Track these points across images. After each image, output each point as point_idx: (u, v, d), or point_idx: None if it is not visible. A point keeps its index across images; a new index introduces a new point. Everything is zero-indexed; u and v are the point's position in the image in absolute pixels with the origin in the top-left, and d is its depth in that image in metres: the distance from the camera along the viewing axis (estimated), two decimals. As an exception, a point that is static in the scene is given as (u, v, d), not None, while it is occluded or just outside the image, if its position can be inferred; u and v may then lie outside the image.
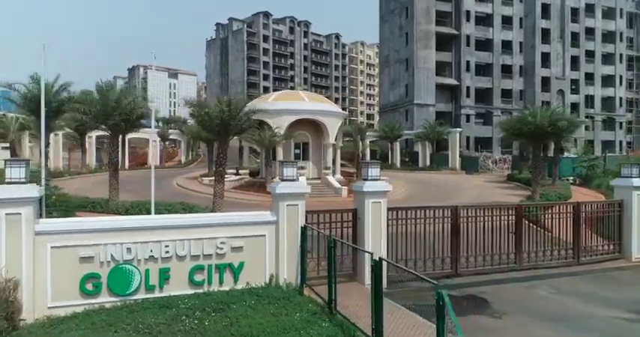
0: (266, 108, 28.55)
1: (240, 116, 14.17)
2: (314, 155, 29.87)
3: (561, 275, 10.86)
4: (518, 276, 10.71)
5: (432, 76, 53.30)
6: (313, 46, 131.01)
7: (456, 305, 8.75)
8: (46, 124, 17.87)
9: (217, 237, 8.66)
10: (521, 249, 11.34)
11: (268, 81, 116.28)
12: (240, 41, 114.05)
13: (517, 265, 11.29)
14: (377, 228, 9.75)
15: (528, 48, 57.83)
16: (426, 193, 27.49)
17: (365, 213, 9.73)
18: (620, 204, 12.70)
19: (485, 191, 27.76)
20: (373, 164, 10.04)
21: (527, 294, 9.37)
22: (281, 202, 9.01)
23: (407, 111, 54.08)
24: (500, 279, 10.45)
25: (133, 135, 44.57)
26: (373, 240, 9.71)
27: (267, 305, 7.95)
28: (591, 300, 8.89)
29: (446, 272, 10.62)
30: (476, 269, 10.88)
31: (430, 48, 53.24)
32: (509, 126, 19.73)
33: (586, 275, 10.99)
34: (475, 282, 10.17)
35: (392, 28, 58.05)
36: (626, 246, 12.54)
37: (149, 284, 8.26)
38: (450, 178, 37.34)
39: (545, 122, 17.83)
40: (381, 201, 9.84)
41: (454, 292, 9.52)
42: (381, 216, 9.81)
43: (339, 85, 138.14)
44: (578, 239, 11.99)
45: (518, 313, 8.13)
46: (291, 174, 9.17)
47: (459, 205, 10.96)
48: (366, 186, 9.78)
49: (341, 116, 30.21)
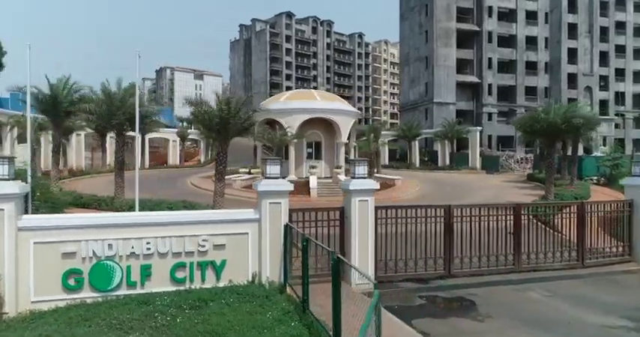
0: (278, 108, 28.72)
1: (239, 115, 14.21)
2: (326, 154, 29.75)
3: (562, 278, 10.41)
4: (515, 278, 10.32)
5: (452, 74, 52.32)
6: (336, 45, 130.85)
7: (440, 307, 8.56)
8: (59, 124, 18.50)
9: (199, 235, 8.66)
10: (520, 250, 10.92)
11: (291, 81, 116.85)
12: (263, 42, 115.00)
13: (516, 267, 10.88)
14: (364, 227, 9.56)
15: (554, 43, 56.04)
16: (440, 193, 26.95)
17: (352, 211, 9.55)
18: (631, 204, 12.08)
19: (502, 191, 26.99)
20: (360, 162, 9.85)
21: (520, 297, 9.01)
22: (263, 200, 8.93)
23: (427, 109, 53.27)
24: (495, 281, 10.09)
25: (155, 135, 45.67)
26: (360, 240, 9.53)
27: (244, 304, 7.89)
28: (587, 305, 8.47)
29: (439, 273, 10.32)
30: (471, 271, 10.54)
31: (450, 45, 52.26)
32: (521, 123, 19.09)
33: (589, 278, 10.49)
34: (468, 284, 9.85)
35: (412, 26, 57.30)
36: (637, 248, 11.93)
37: (130, 281, 8.33)
38: (468, 178, 36.55)
39: (559, 119, 17.14)
40: (369, 199, 9.63)
41: (443, 293, 9.27)
42: (368, 214, 9.61)
43: (362, 85, 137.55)
44: (582, 240, 11.47)
45: (503, 317, 7.81)
46: (274, 171, 9.08)
47: (452, 204, 10.63)
48: (352, 184, 9.60)
49: (354, 115, 29.98)
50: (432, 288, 9.62)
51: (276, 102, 29.65)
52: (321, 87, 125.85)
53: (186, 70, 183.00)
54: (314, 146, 29.85)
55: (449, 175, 38.73)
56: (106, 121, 15.45)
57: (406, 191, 27.36)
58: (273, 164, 9.14)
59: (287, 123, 27.48)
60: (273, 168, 9.12)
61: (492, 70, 54.03)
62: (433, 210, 10.43)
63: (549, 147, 18.68)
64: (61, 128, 18.28)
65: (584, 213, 11.50)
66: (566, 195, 19.15)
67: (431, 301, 8.81)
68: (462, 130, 43.04)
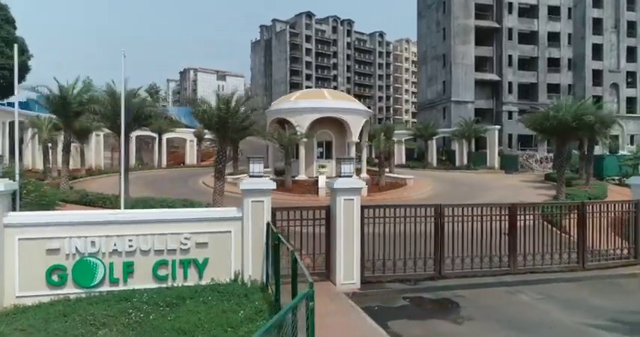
0: (288, 107, 28.73)
1: (238, 114, 14.25)
2: (337, 153, 29.53)
3: (559, 281, 10.04)
4: (509, 280, 10.01)
5: (470, 72, 51.34)
6: (357, 44, 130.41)
7: (423, 308, 8.37)
8: (69, 124, 18.98)
9: (181, 233, 8.71)
10: (515, 252, 10.59)
11: (311, 81, 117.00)
12: (283, 42, 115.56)
13: (511, 269, 10.55)
14: (349, 227, 9.43)
15: (578, 39, 54.33)
16: (452, 193, 26.47)
17: (337, 210, 9.44)
18: (637, 204, 11.57)
19: (516, 191, 26.34)
20: (346, 160, 9.74)
21: (509, 300, 8.72)
22: (246, 198, 8.92)
23: (444, 108, 52.43)
24: (487, 283, 9.80)
25: (173, 135, 46.47)
26: (345, 239, 9.41)
27: (222, 302, 7.89)
28: (577, 309, 8.13)
29: (429, 273, 10.10)
30: (463, 272, 10.28)
31: (468, 43, 51.28)
32: (531, 121, 18.52)
33: (587, 281, 10.09)
34: (458, 285, 9.61)
35: (429, 23, 56.50)
36: (643, 250, 11.41)
37: (113, 278, 8.44)
38: (484, 178, 35.82)
39: (569, 117, 16.54)
40: (354, 198, 9.50)
41: (429, 294, 9.06)
42: (353, 214, 9.48)
43: (383, 84, 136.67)
44: (583, 242, 11.04)
45: (484, 319, 7.57)
46: (257, 170, 9.05)
47: (442, 204, 10.39)
48: (337, 183, 9.50)
49: (365, 114, 29.73)
50: (420, 289, 9.42)
51: (287, 101, 29.69)
52: (341, 87, 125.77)
53: (208, 70, 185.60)
54: (325, 145, 29.75)
55: (465, 175, 38.03)
56: (112, 121, 15.76)
57: (418, 191, 26.97)
58: (257, 162, 9.12)
59: (297, 122, 27.46)
60: (257, 166, 9.09)
61: (513, 68, 52.76)
62: (423, 209, 10.21)
63: (561, 146, 18.04)
64: (72, 128, 18.75)
65: (585, 214, 11.06)
66: (578, 195, 18.48)
67: (414, 302, 8.62)
68: (480, 129, 42.20)
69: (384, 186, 27.22)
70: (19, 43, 51.34)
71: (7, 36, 48.98)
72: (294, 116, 27.83)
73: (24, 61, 51.23)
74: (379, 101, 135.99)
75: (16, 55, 9.37)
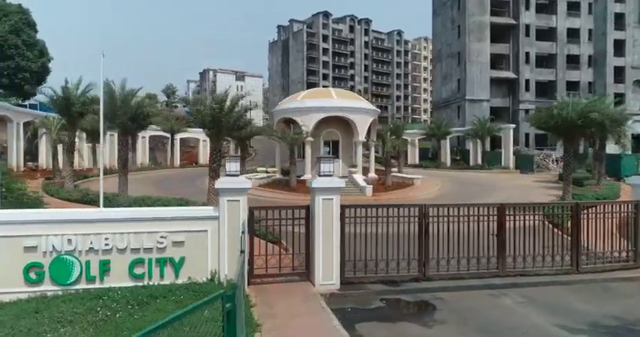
0: (295, 107, 28.68)
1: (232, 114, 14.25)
2: (344, 153, 29.44)
3: (548, 284, 9.69)
4: (496, 283, 9.70)
5: (485, 70, 50.33)
6: (374, 43, 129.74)
7: (397, 311, 8.18)
8: (73, 124, 19.34)
9: (158, 231, 8.73)
10: (504, 253, 10.27)
11: (328, 80, 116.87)
12: (300, 42, 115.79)
13: (500, 271, 10.24)
14: (328, 226, 9.29)
15: (599, 35, 52.69)
16: (460, 193, 26.00)
17: (316, 210, 9.32)
18: (637, 205, 11.08)
19: (525, 191, 25.71)
20: (326, 159, 9.59)
21: (490, 303, 8.44)
22: (222, 197, 8.87)
23: (459, 107, 51.55)
24: (472, 285, 9.52)
25: (186, 135, 47.03)
26: (324, 239, 9.27)
27: (194, 301, 7.85)
28: (559, 313, 7.80)
29: (412, 275, 9.88)
30: (449, 274, 10.02)
31: (484, 40, 50.28)
32: (536, 119, 17.99)
33: (578, 285, 9.70)
34: (441, 287, 9.36)
35: (444, 21, 55.66)
36: (643, 253, 10.92)
37: (89, 275, 8.51)
38: (497, 178, 35.06)
39: (574, 115, 15.98)
40: (334, 197, 9.36)
41: (408, 296, 8.86)
42: (333, 213, 9.34)
43: (401, 83, 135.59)
44: (577, 244, 10.63)
45: (457, 323, 7.33)
46: (234, 169, 9.01)
47: (426, 204, 10.14)
48: (316, 182, 9.38)
49: (372, 113, 29.45)
50: (401, 291, 9.21)
51: (293, 101, 29.66)
52: (358, 86, 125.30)
53: (227, 71, 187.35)
54: (332, 145, 29.62)
55: (477, 175, 37.32)
56: (111, 121, 15.99)
57: (424, 191, 26.60)
58: (233, 161, 9.08)
59: (303, 121, 27.42)
60: (233, 165, 9.05)
61: (530, 65, 51.52)
62: (407, 209, 9.99)
63: (568, 145, 17.46)
64: (76, 128, 19.10)
65: (579, 215, 10.65)
66: (586, 195, 17.89)
67: (390, 304, 8.42)
68: (494, 128, 41.33)
69: (390, 185, 26.93)
70: (40, 46, 53.06)
71: (28, 39, 50.46)
72: (300, 115, 27.80)
73: (44, 63, 52.74)
74: (397, 100, 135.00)
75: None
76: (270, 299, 8.37)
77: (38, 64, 50.57)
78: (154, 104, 16.26)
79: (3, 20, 48.74)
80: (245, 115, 15.83)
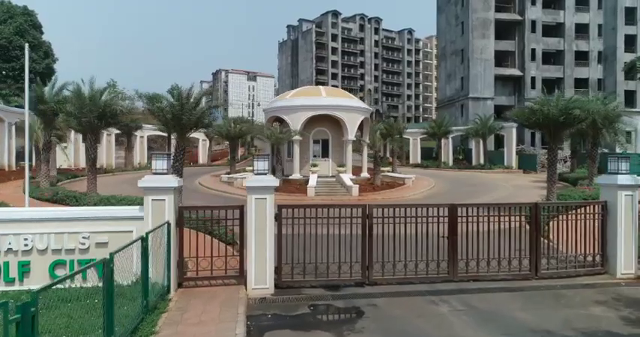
0: (283, 105, 28.26)
1: (193, 111, 13.88)
2: (334, 152, 28.93)
3: (499, 291, 9.06)
4: (444, 289, 9.12)
5: (489, 67, 49.18)
6: (384, 42, 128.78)
7: (319, 318, 7.67)
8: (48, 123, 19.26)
9: (80, 232, 8.41)
10: (456, 257, 9.66)
11: (337, 80, 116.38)
12: (309, 41, 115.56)
13: (450, 275, 9.64)
14: (261, 227, 8.83)
15: (609, 30, 51.02)
16: (450, 193, 25.28)
17: (248, 210, 8.88)
18: (604, 206, 10.36)
19: (517, 191, 24.95)
20: (260, 157, 9.13)
21: (424, 311, 7.87)
22: (146, 196, 8.49)
23: (462, 105, 50.49)
24: (414, 291, 8.96)
25: (185, 135, 47.08)
26: (257, 241, 8.82)
27: (120, 306, 7.49)
28: (493, 323, 7.22)
29: (355, 279, 9.36)
30: (396, 278, 9.46)
31: (488, 37, 49.13)
32: (518, 115, 17.22)
33: (533, 291, 9.05)
34: (380, 293, 8.83)
35: (448, 18, 54.62)
36: (611, 258, 10.20)
37: (8, 277, 8.23)
38: (496, 177, 34.16)
39: (556, 111, 15.20)
40: (267, 197, 8.90)
41: (341, 302, 8.37)
42: (266, 213, 8.87)
43: (412, 82, 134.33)
44: (536, 247, 9.96)
45: (375, 333, 6.80)
46: (161, 166, 8.60)
47: (370, 204, 9.60)
48: (248, 180, 8.93)
49: (363, 111, 28.86)
50: (338, 296, 8.70)
51: (283, 99, 29.28)
52: (368, 86, 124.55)
53: (239, 71, 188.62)
54: (322, 144, 29.14)
55: (476, 175, 36.43)
56: (79, 120, 15.79)
57: (414, 191, 25.93)
58: (160, 159, 8.67)
59: (291, 120, 27.02)
60: (160, 163, 8.65)
61: (536, 62, 50.16)
62: (349, 209, 9.48)
63: (551, 142, 16.65)
64: (51, 127, 18.99)
65: (538, 216, 9.98)
66: (572, 195, 17.07)
67: (317, 311, 7.92)
68: (496, 127, 40.29)
69: (379, 185, 26.34)
70: (46, 48, 53.78)
71: (33, 40, 51.07)
72: (288, 114, 27.41)
73: (49, 64, 53.41)
74: (408, 99, 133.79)
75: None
76: (190, 304, 7.95)
77: (43, 65, 51.21)
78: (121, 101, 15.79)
79: (8, 22, 49.51)
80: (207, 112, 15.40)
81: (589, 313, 7.64)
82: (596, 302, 8.18)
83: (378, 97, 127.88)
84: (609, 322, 7.16)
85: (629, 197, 10.10)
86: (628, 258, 10.06)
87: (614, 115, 18.96)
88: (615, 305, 8.05)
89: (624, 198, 10.08)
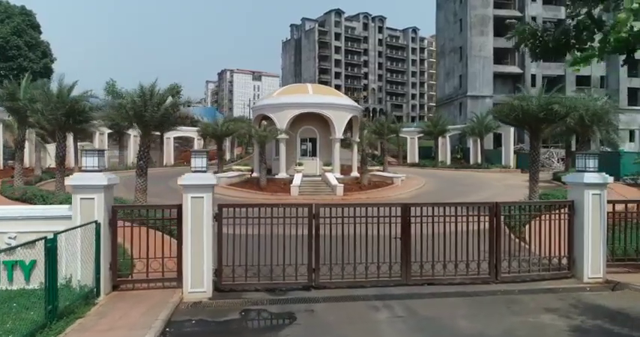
0: (269, 103, 27.81)
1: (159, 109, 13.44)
2: (322, 151, 28.41)
3: (452, 295, 8.53)
4: (394, 293, 8.62)
5: (488, 65, 48.31)
6: (389, 41, 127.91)
7: (245, 325, 7.18)
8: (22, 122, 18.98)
9: (6, 232, 8.04)
10: (408, 259, 9.14)
11: (340, 79, 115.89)
12: (312, 40, 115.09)
13: (403, 279, 9.12)
14: (198, 227, 8.38)
15: (612, 27, 49.82)
16: (439, 193, 24.75)
17: (185, 209, 8.43)
18: (571, 206, 9.77)
19: (508, 191, 24.28)
20: (198, 153, 8.69)
21: (361, 317, 7.37)
22: (74, 195, 8.09)
23: (460, 103, 49.68)
24: (362, 296, 8.46)
25: (179, 134, 46.77)
26: (194, 241, 8.37)
27: (26, 310, 7.09)
28: (427, 331, 6.71)
29: (301, 282, 8.89)
30: (345, 281, 8.97)
31: (487, 34, 48.26)
32: (497, 111, 16.58)
33: (488, 296, 8.50)
34: (323, 297, 8.36)
35: (447, 15, 53.81)
36: (578, 261, 9.60)
37: None
38: (490, 177, 33.42)
39: (534, 107, 14.56)
40: (204, 195, 8.44)
41: (277, 307, 7.92)
42: (203, 213, 8.42)
43: (416, 81, 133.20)
44: (496, 249, 9.40)
45: (297, 341, 6.32)
46: (91, 164, 8.19)
47: (317, 203, 9.11)
48: (185, 178, 8.48)
49: (351, 109, 28.32)
50: (278, 300, 8.24)
51: (269, 97, 28.84)
52: (372, 85, 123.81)
53: (244, 71, 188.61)
54: (310, 143, 28.65)
55: (471, 174, 35.74)
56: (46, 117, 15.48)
57: (402, 190, 25.39)
58: (90, 156, 8.26)
59: (277, 118, 26.57)
60: (90, 159, 8.23)
61: (537, 59, 49.10)
62: (294, 209, 9.00)
63: (533, 140, 16.02)
64: (25, 126, 18.70)
65: (498, 216, 9.42)
66: (555, 194, 16.46)
67: (247, 316, 7.46)
68: (493, 125, 39.51)
69: (366, 185, 25.79)
70: (44, 47, 53.91)
71: (31, 40, 51.27)
72: (274, 112, 26.97)
73: (46, 63, 53.53)
74: (412, 99, 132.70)
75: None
76: (115, 308, 7.53)
77: (40, 64, 51.34)
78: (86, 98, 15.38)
79: (6, 22, 49.64)
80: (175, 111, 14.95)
81: (536, 321, 7.08)
82: (548, 310, 7.61)
83: (382, 96, 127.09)
84: (554, 331, 6.61)
85: (596, 196, 9.50)
86: (596, 262, 9.47)
87: (602, 112, 18.24)
88: (569, 312, 7.47)
89: (591, 198, 9.48)
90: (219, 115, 72.78)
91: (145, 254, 8.60)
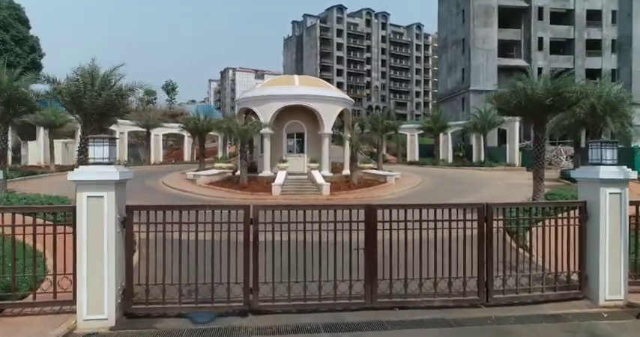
0: (253, 95, 25.87)
1: (100, 94, 11.56)
2: (311, 147, 26.45)
3: (426, 325, 6.59)
4: (351, 321, 6.68)
5: (492, 58, 46.04)
6: (392, 37, 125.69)
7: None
8: None
9: None
10: (374, 277, 7.16)
11: (342, 76, 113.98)
12: (313, 37, 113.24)
13: (367, 302, 7.15)
14: (97, 235, 6.47)
15: (624, 17, 47.40)
16: (433, 192, 22.77)
17: (79, 212, 6.51)
18: (583, 208, 7.72)
19: (509, 191, 22.31)
20: (99, 140, 6.75)
21: (299, 360, 5.41)
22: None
23: (463, 98, 47.47)
24: (305, 325, 6.54)
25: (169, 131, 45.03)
26: (91, 254, 6.46)
27: None
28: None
29: (234, 306, 6.94)
30: (292, 304, 7.04)
31: (490, 25, 45.98)
32: (496, 98, 14.52)
33: (474, 326, 6.53)
34: (259, 328, 6.44)
35: (449, 7, 51.56)
36: (592, 278, 7.57)
37: None
38: (492, 175, 31.32)
39: (540, 92, 12.51)
40: (105, 194, 6.51)
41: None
42: (104, 217, 6.49)
43: (420, 78, 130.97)
44: (486, 264, 7.38)
45: None
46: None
47: (255, 205, 7.14)
48: (76, 172, 6.57)
49: (341, 102, 26.31)
50: (195, 332, 6.31)
51: (253, 89, 26.91)
52: (375, 82, 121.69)
53: (247, 70, 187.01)
54: (297, 138, 26.70)
55: (472, 172, 33.64)
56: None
57: (394, 189, 23.39)
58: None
59: (261, 111, 24.65)
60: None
61: (544, 52, 46.86)
62: (226, 212, 7.06)
63: (537, 131, 13.96)
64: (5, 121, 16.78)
65: (490, 222, 7.40)
66: (562, 194, 14.41)
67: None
68: (496, 121, 37.32)
69: (356, 184, 23.80)
70: (32, 42, 52.37)
71: (17, 34, 49.75)
72: (258, 105, 25.05)
73: (34, 58, 51.97)
74: (417, 96, 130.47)
75: None
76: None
77: (28, 59, 49.74)
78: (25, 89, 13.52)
79: (-9, 16, 48.14)
80: (121, 98, 12.98)
81: (536, 369, 5.08)
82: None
83: (385, 94, 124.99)
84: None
85: (615, 196, 7.45)
86: (614, 279, 7.41)
87: (617, 100, 16.13)
88: (581, 354, 5.47)
89: (609, 197, 7.43)
90: (216, 113, 71.06)
91: (51, 268, 6.76)
